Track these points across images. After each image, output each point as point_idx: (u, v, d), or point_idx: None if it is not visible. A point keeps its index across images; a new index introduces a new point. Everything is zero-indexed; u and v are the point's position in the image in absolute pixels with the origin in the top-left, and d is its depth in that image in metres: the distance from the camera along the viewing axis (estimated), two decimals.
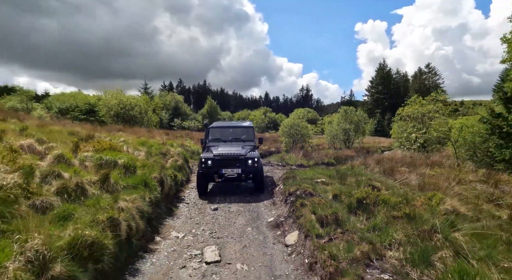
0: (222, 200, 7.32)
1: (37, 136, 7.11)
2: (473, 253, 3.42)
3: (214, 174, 7.43)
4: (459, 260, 3.20)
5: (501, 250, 3.55)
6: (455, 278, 2.86)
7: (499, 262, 3.27)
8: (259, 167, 7.75)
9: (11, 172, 4.06)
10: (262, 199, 7.38)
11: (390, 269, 3.11)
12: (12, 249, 2.51)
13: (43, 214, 3.54)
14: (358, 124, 23.23)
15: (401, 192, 6.34)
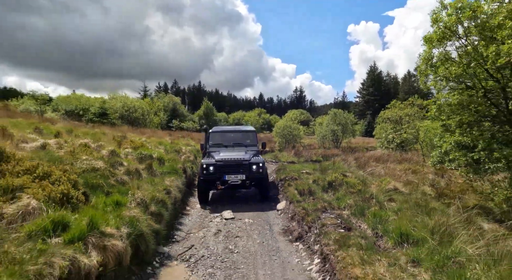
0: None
1: (82, 137, 9.19)
2: (390, 209, 5.67)
3: (217, 181, 7.15)
4: (380, 211, 5.43)
5: (408, 206, 5.80)
6: (373, 217, 5.09)
7: (402, 211, 5.51)
8: (264, 173, 7.46)
9: (95, 159, 6.18)
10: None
11: (337, 213, 5.34)
12: (127, 198, 4.66)
13: (123, 186, 5.68)
14: (345, 126, 25.63)
15: (362, 178, 8.61)
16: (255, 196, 8.19)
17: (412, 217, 4.89)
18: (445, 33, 5.28)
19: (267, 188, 7.70)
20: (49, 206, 3.40)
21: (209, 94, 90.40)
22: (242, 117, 52.95)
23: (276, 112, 77.14)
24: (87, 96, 33.89)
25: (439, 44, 5.38)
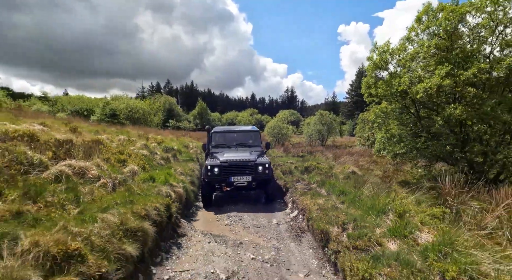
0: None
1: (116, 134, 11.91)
2: (342, 182, 8.63)
3: (222, 183, 7.15)
4: (335, 182, 8.37)
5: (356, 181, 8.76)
6: (329, 185, 8.03)
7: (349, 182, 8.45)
8: (270, 174, 7.41)
9: (139, 149, 8.97)
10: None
11: (306, 183, 8.29)
12: (171, 172, 7.50)
13: (163, 166, 8.49)
14: (330, 126, 28.75)
15: (332, 165, 11.60)
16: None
17: (352, 185, 7.86)
18: (375, 65, 8.31)
19: (273, 189, 7.68)
20: (140, 170, 6.25)
21: (201, 94, 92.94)
22: (235, 118, 55.75)
23: (268, 112, 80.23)
24: (88, 97, 36.18)
25: (372, 73, 8.41)
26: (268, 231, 5.65)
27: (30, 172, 4.20)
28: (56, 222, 2.99)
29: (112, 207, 3.86)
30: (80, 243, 2.76)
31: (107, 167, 5.36)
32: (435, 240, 3.22)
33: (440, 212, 4.27)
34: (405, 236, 3.58)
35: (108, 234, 3.23)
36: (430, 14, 7.71)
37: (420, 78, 7.21)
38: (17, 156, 4.22)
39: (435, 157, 8.06)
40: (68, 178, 4.40)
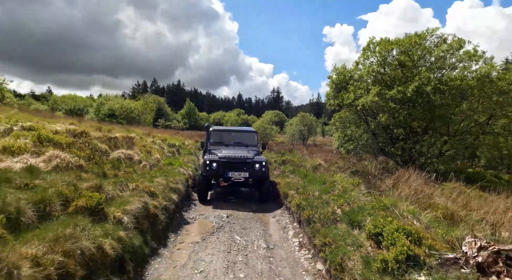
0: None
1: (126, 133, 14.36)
2: (309, 170, 11.49)
3: (220, 178, 7.35)
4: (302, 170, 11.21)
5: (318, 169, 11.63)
6: (298, 173, 10.85)
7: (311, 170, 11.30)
8: (266, 172, 7.72)
9: (151, 144, 11.52)
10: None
11: (281, 171, 11.11)
12: (181, 161, 10.14)
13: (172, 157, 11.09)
14: (311, 127, 31.84)
15: (304, 159, 14.48)
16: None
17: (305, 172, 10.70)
18: (334, 83, 11.23)
19: (268, 188, 7.90)
20: (161, 158, 8.88)
21: (188, 94, 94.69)
22: (222, 117, 58.22)
23: (254, 112, 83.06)
24: (80, 97, 37.85)
25: (331, 88, 11.33)
26: (251, 194, 8.43)
27: (101, 156, 6.78)
28: (137, 180, 5.64)
29: (157, 177, 6.51)
30: (153, 189, 5.43)
31: (142, 154, 7.98)
32: (341, 191, 6.06)
33: (356, 181, 7.14)
34: (329, 192, 6.40)
35: (162, 189, 5.90)
36: (371, 47, 10.70)
37: (361, 94, 10.16)
38: (94, 146, 6.80)
39: (375, 152, 11.05)
40: (123, 160, 7.00)
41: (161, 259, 4.33)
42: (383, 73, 10.05)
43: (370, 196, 5.54)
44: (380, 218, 3.91)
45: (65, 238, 2.90)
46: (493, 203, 5.35)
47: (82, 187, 4.23)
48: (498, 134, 9.98)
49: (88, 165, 5.58)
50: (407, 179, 7.08)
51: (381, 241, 3.47)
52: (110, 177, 5.41)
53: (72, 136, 7.44)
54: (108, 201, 4.35)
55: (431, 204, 5.30)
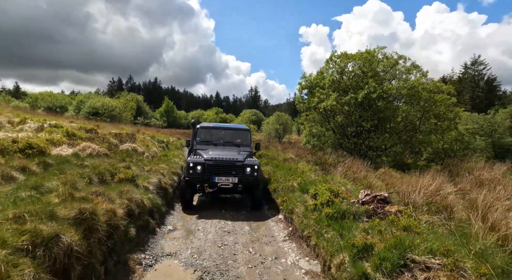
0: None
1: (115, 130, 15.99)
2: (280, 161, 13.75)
3: (204, 183, 6.47)
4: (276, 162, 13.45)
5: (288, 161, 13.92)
6: (272, 163, 13.08)
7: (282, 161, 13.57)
8: (259, 177, 6.93)
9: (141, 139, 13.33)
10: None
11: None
12: (173, 153, 12.06)
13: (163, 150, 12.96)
14: (286, 125, 34.34)
15: (277, 154, 16.77)
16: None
17: (277, 163, 12.96)
18: (302, 88, 13.57)
19: (260, 195, 7.11)
20: (157, 151, 10.79)
21: (165, 91, 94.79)
22: (201, 116, 59.64)
23: (232, 111, 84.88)
24: (58, 94, 38.06)
25: (300, 93, 13.67)
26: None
27: (113, 148, 8.62)
28: (148, 164, 7.59)
29: (160, 164, 8.47)
30: (162, 171, 7.41)
31: (144, 147, 9.87)
32: (300, 173, 8.31)
33: (313, 168, 9.44)
34: (291, 174, 8.62)
35: (167, 171, 7.88)
36: (332, 59, 13.13)
37: (323, 99, 12.55)
38: (108, 140, 8.64)
39: (335, 146, 13.52)
40: (131, 151, 8.88)
41: (173, 216, 6.36)
42: (341, 82, 12.48)
43: (319, 176, 7.84)
44: (319, 185, 6.16)
45: (126, 192, 4.89)
46: (403, 179, 7.80)
47: (119, 166, 6.17)
48: (429, 132, 12.72)
49: (110, 153, 7.46)
50: (350, 165, 9.49)
51: (317, 198, 5.70)
52: (128, 162, 7.34)
53: (85, 132, 9.20)
54: (135, 176, 6.31)
55: (361, 180, 7.67)
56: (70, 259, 2.98)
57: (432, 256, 3.09)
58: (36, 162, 5.10)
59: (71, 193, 3.89)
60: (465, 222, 4.35)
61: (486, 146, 15.43)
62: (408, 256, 3.12)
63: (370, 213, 4.71)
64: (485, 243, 3.53)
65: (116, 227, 3.93)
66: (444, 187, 6.27)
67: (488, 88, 54.99)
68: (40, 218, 3.02)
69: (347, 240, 3.69)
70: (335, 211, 4.65)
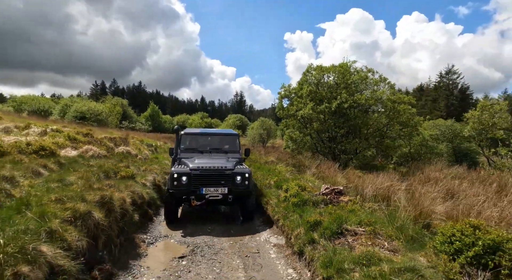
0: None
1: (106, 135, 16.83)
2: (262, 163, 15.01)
3: (191, 195, 5.96)
4: (259, 165, 14.69)
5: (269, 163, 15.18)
6: (254, 166, 14.31)
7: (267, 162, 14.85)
8: (251, 187, 6.46)
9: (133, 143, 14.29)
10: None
11: None
12: (163, 156, 13.07)
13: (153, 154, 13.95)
14: (269, 130, 35.72)
15: (259, 157, 18.02)
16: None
17: (259, 165, 14.22)
18: (282, 97, 14.92)
19: (253, 207, 6.69)
20: (150, 154, 11.82)
21: (150, 95, 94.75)
22: (186, 120, 60.29)
23: (218, 116, 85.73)
24: (41, 97, 38.04)
25: (280, 101, 15.02)
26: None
27: (110, 151, 9.62)
28: (142, 164, 8.66)
29: (153, 165, 9.53)
30: (155, 170, 8.50)
31: (136, 150, 10.90)
32: (277, 173, 9.57)
33: (290, 168, 10.72)
34: (270, 174, 9.86)
35: (159, 171, 8.96)
36: (309, 71, 14.56)
37: (301, 107, 13.93)
38: (105, 143, 9.65)
39: (312, 150, 14.90)
40: (126, 153, 9.90)
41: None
42: (317, 92, 13.91)
43: (293, 175, 9.12)
44: (291, 182, 7.41)
45: (129, 186, 5.98)
46: (364, 178, 9.17)
47: (120, 166, 7.23)
48: (395, 138, 14.31)
49: (109, 155, 8.48)
50: (321, 167, 10.86)
51: (287, 191, 6.94)
52: (126, 163, 8.38)
53: (83, 136, 10.15)
54: (134, 174, 7.38)
55: (328, 178, 9.00)
56: (98, 230, 4.10)
57: (359, 226, 4.38)
58: (53, 161, 6.12)
59: (90, 185, 4.98)
60: (397, 208, 5.69)
61: (447, 150, 17.24)
62: (344, 226, 4.40)
63: (327, 201, 5.99)
64: (404, 220, 4.86)
65: (126, 211, 5.04)
66: (394, 184, 7.67)
67: (461, 97, 58.65)
68: (74, 200, 4.12)
69: (304, 219, 4.94)
70: (299, 200, 5.91)
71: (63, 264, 3.11)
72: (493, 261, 3.27)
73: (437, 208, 5.62)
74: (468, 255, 3.38)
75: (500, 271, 3.19)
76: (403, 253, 3.76)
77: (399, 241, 4.13)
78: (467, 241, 3.51)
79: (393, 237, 4.20)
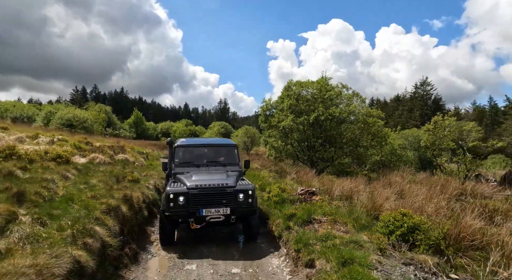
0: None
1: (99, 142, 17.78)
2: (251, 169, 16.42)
3: (189, 218, 5.41)
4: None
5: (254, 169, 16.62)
6: None
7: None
8: (255, 204, 5.88)
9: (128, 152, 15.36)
10: None
11: None
12: (157, 163, 14.23)
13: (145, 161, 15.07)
14: (253, 138, 37.24)
15: None
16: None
17: (253, 171, 15.61)
18: (264, 110, 16.47)
19: (257, 227, 6.11)
20: (144, 161, 12.99)
21: (132, 101, 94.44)
22: (170, 127, 60.91)
23: (201, 123, 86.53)
24: (23, 104, 37.94)
25: (263, 114, 16.56)
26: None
27: (112, 158, 10.74)
28: (142, 171, 9.88)
29: (151, 170, 10.73)
30: (154, 175, 9.73)
31: (134, 158, 12.06)
32: (261, 178, 10.99)
33: (272, 174, 12.17)
34: (254, 179, 11.26)
35: (157, 176, 10.19)
36: (290, 86, 16.20)
37: (283, 119, 15.49)
38: (106, 151, 10.79)
39: (293, 158, 16.46)
40: (125, 161, 11.05)
41: None
42: (297, 105, 15.53)
43: (275, 179, 10.58)
44: (273, 185, 8.84)
45: (139, 188, 7.23)
46: (335, 182, 10.75)
47: (126, 171, 8.44)
48: (367, 147, 16.09)
49: (112, 162, 9.65)
50: (300, 172, 12.40)
51: (270, 193, 8.35)
52: (130, 169, 9.58)
53: (85, 144, 11.23)
54: (139, 179, 8.60)
55: (305, 182, 10.51)
56: (124, 220, 5.37)
57: (324, 216, 5.86)
58: (72, 167, 7.29)
59: (111, 186, 6.23)
60: (356, 204, 7.23)
61: (414, 158, 19.25)
62: (312, 216, 5.86)
63: (302, 200, 7.46)
64: (359, 213, 6.37)
65: (140, 208, 6.30)
66: (357, 186, 9.26)
67: (435, 107, 62.55)
68: (106, 197, 5.38)
69: (282, 213, 6.36)
70: (279, 199, 7.35)
71: (109, 240, 4.39)
72: (412, 237, 4.81)
73: (387, 204, 7.18)
74: (397, 234, 4.93)
75: (415, 243, 4.73)
76: (353, 233, 5.25)
77: (352, 226, 5.62)
78: (397, 224, 5.07)
79: (348, 224, 5.69)
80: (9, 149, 6.82)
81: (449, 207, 6.92)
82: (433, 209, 6.84)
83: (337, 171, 16.14)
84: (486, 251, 4.69)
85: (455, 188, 9.05)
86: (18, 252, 3.15)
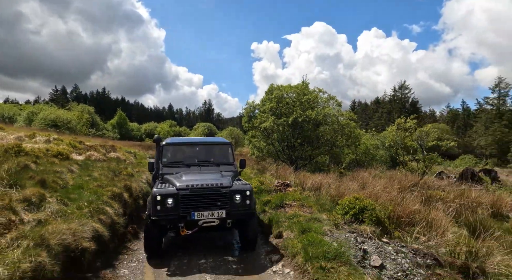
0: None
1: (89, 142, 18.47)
2: None
3: (180, 222, 4.81)
4: None
5: None
6: None
7: None
8: (252, 206, 5.35)
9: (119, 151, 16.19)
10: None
11: None
12: (144, 161, 15.16)
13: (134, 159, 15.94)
14: (237, 139, 38.39)
15: None
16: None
17: None
18: (247, 112, 17.69)
19: (255, 233, 5.51)
20: (134, 159, 13.91)
21: (114, 102, 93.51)
22: (154, 128, 61.11)
23: (186, 124, 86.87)
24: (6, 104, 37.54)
25: (246, 115, 17.77)
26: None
27: (105, 156, 11.63)
28: (134, 167, 10.86)
29: (140, 167, 11.70)
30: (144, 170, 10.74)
31: (124, 156, 12.98)
32: (243, 174, 12.17)
33: (255, 171, 13.37)
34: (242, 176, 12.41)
35: (147, 172, 11.18)
36: (271, 90, 17.48)
37: (264, 120, 16.73)
38: (99, 150, 11.69)
39: (274, 157, 17.74)
40: (117, 158, 11.97)
41: None
42: (277, 108, 16.82)
43: (256, 175, 11.80)
44: (254, 179, 10.02)
45: (134, 180, 8.25)
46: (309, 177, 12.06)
47: (121, 167, 9.42)
48: (342, 147, 17.56)
49: (106, 159, 10.58)
50: (278, 169, 13.68)
51: None
52: (124, 165, 10.53)
53: (78, 143, 12.07)
54: (133, 174, 9.59)
55: (283, 177, 11.76)
56: (126, 205, 6.43)
57: (293, 201, 7.10)
58: (74, 163, 8.24)
59: (112, 178, 7.26)
60: (323, 194, 8.53)
61: (386, 157, 20.94)
62: (284, 202, 7.09)
63: (277, 190, 8.69)
64: (324, 200, 7.66)
65: (138, 196, 7.36)
66: (326, 179, 10.61)
67: (412, 109, 65.63)
68: (110, 186, 6.42)
69: (260, 200, 7.56)
70: (258, 189, 8.57)
71: (116, 219, 5.46)
72: (362, 216, 6.12)
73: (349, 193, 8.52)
74: (350, 214, 6.23)
75: (363, 221, 6.03)
76: (315, 213, 6.51)
77: (317, 210, 6.88)
78: (351, 206, 6.37)
79: (313, 207, 6.95)
80: (17, 146, 7.71)
81: (399, 195, 8.32)
82: (387, 197, 8.23)
83: (314, 168, 17.51)
84: (417, 225, 6.07)
85: (410, 181, 10.54)
86: (53, 222, 4.21)
